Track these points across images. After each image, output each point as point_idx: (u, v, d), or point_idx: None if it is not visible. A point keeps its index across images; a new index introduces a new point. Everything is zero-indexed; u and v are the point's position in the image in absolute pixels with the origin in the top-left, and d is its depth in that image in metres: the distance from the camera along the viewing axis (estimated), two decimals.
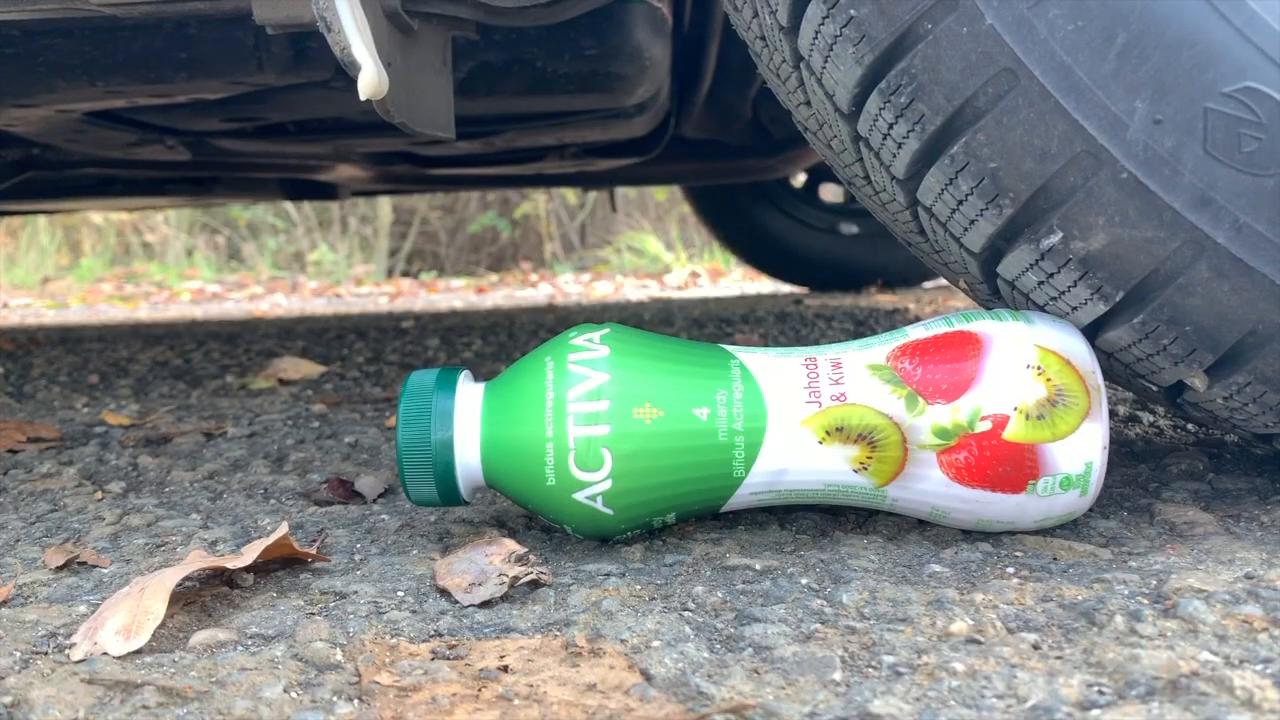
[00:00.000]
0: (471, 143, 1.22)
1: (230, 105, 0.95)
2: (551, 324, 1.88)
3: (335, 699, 0.41)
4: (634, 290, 3.16)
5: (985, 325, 0.53)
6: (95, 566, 0.57)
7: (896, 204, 0.55)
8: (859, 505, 0.55)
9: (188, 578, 0.53)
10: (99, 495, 0.73)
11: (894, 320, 1.72)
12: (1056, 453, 0.51)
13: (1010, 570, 0.51)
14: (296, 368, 1.29)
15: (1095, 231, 0.48)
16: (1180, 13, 0.45)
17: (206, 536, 0.62)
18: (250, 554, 0.52)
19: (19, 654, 0.45)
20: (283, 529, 0.54)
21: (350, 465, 0.79)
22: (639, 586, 0.51)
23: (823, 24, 0.50)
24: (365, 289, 3.72)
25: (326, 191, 1.72)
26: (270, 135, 1.12)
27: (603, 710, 0.39)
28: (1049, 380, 0.51)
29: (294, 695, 0.41)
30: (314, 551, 0.56)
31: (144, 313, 2.76)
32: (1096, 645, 0.42)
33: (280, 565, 0.55)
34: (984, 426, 0.51)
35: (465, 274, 4.52)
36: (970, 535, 0.56)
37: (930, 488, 0.53)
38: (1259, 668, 0.40)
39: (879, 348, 0.54)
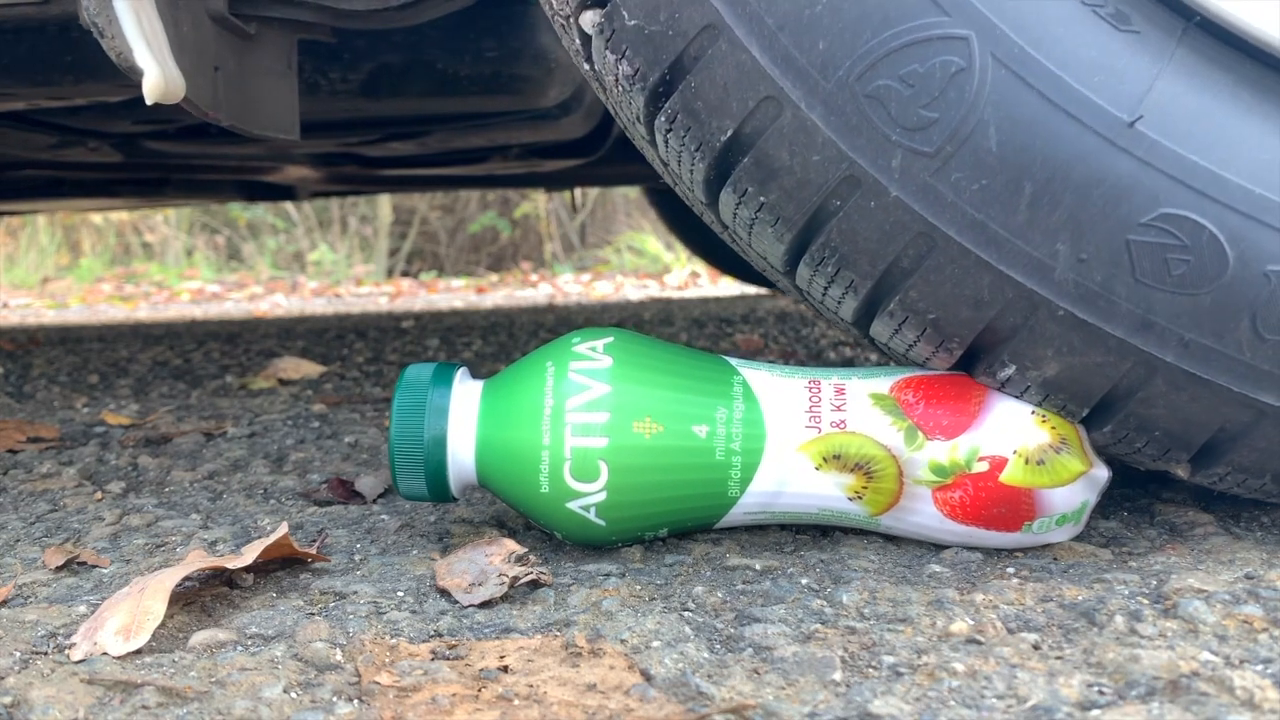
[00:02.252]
0: (405, 144, 1.23)
1: (136, 107, 0.95)
2: (552, 324, 1.88)
3: (335, 699, 0.41)
4: (634, 290, 3.16)
5: None
6: (95, 566, 0.57)
7: (856, 335, 0.56)
8: (853, 528, 0.55)
9: (188, 578, 0.53)
10: (99, 495, 0.73)
11: None
12: (1054, 497, 0.51)
13: (1010, 570, 0.51)
14: (296, 368, 1.29)
15: (1047, 362, 0.49)
16: (1082, 155, 0.46)
17: (206, 536, 0.62)
18: (250, 554, 0.52)
19: (19, 654, 0.45)
20: (282, 529, 0.54)
21: (350, 465, 0.79)
22: (639, 586, 0.51)
23: (738, 208, 0.52)
24: (365, 289, 3.72)
25: (284, 192, 1.72)
26: (198, 137, 1.12)
27: (603, 710, 0.39)
28: (1053, 428, 0.51)
29: (294, 695, 0.41)
30: (314, 551, 0.56)
31: (144, 313, 2.76)
32: (1097, 645, 0.42)
33: (280, 565, 0.55)
34: (981, 467, 0.50)
35: (465, 274, 4.52)
36: None
37: (924, 521, 0.53)
38: (1259, 668, 0.40)
39: (884, 378, 0.53)
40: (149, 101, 0.58)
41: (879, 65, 0.46)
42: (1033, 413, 0.51)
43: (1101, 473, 0.51)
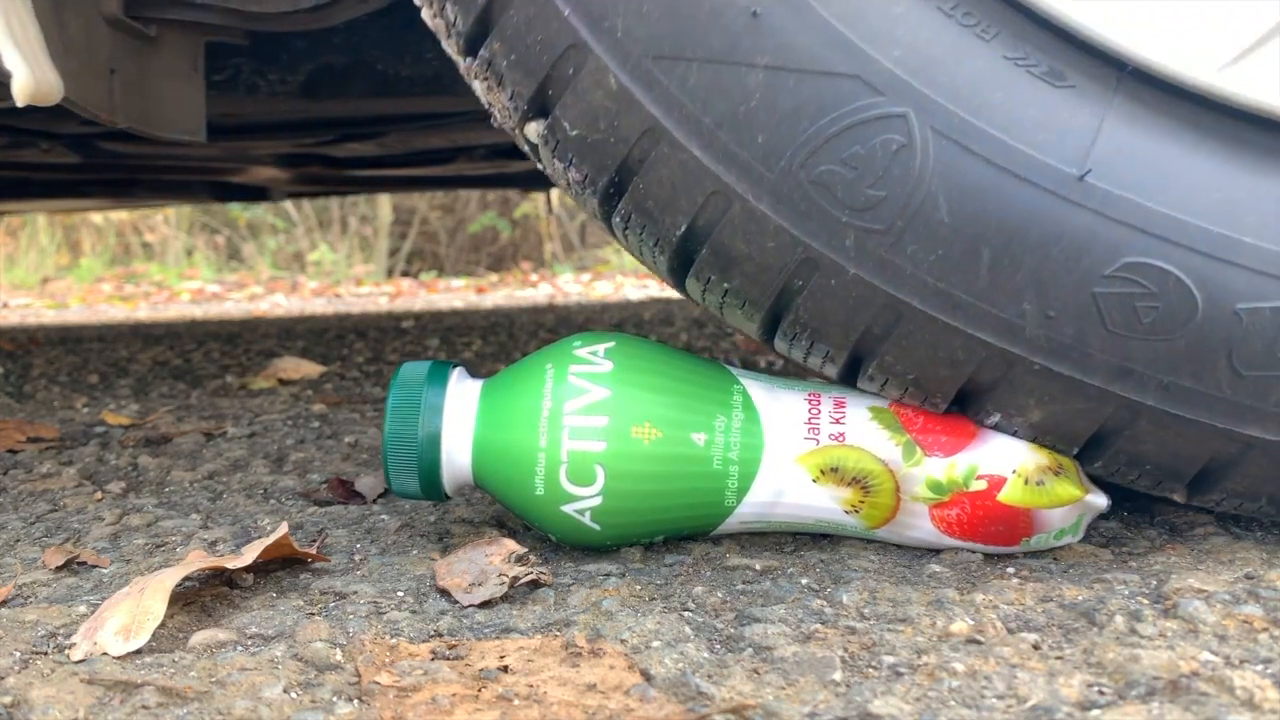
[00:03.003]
0: (364, 144, 1.23)
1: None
2: (551, 324, 1.88)
3: (335, 699, 0.41)
4: (634, 290, 3.16)
5: None
6: (95, 566, 0.57)
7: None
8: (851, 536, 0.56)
9: (187, 578, 0.53)
10: (99, 495, 0.73)
11: None
12: (1052, 516, 0.51)
13: (1010, 570, 0.51)
14: (296, 368, 1.29)
15: (1030, 409, 0.49)
16: (1036, 214, 0.46)
17: (206, 536, 0.62)
18: (250, 554, 0.52)
19: (19, 654, 0.45)
20: (282, 529, 0.54)
21: (350, 465, 0.79)
22: (639, 586, 0.51)
23: (705, 293, 0.52)
24: (365, 289, 3.72)
25: (256, 193, 1.72)
26: (152, 139, 1.12)
27: (603, 710, 0.39)
28: (1052, 450, 0.51)
29: (294, 695, 0.41)
30: (314, 551, 0.56)
31: (144, 313, 2.76)
32: (1097, 645, 0.42)
33: (280, 565, 0.55)
34: (979, 486, 0.50)
35: (465, 274, 4.52)
36: None
37: (921, 536, 0.53)
38: (1259, 668, 0.40)
39: (883, 400, 0.53)
40: (19, 103, 0.58)
41: (820, 152, 0.46)
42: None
43: (1099, 500, 0.51)
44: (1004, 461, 0.50)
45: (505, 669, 0.43)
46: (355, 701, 0.40)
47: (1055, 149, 0.46)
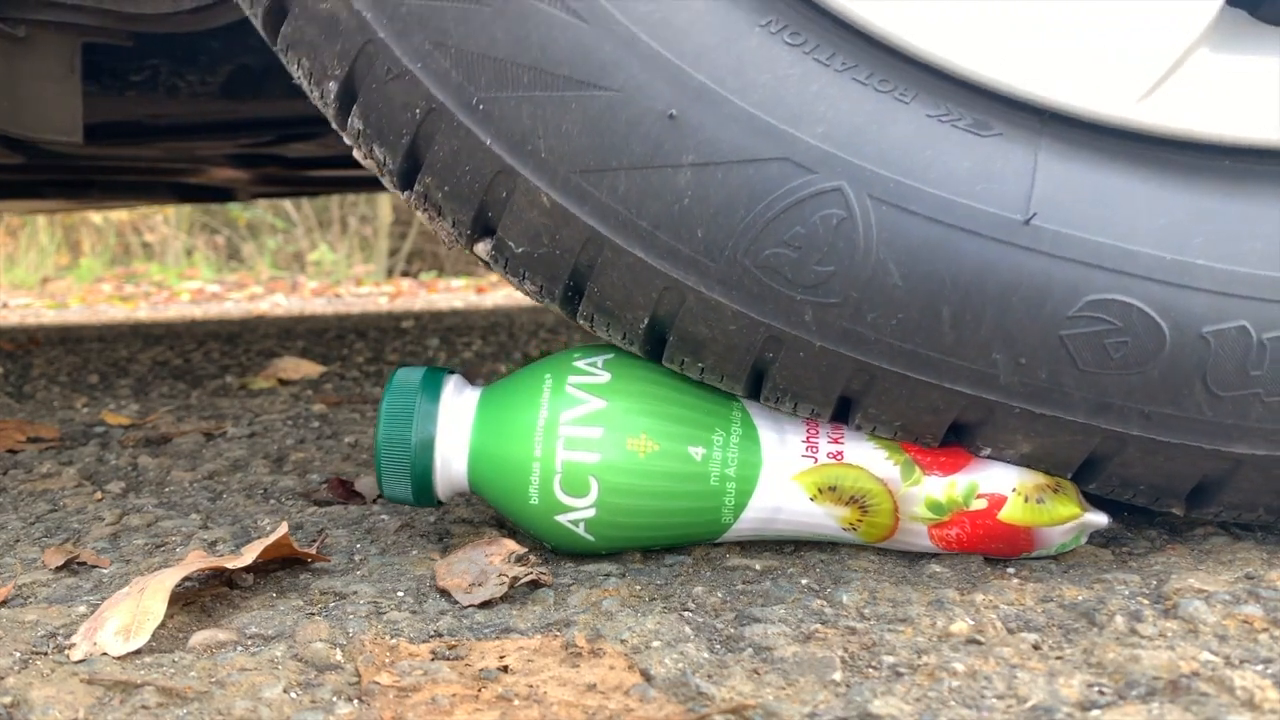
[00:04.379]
0: (306, 144, 1.22)
1: None
2: (552, 324, 1.88)
3: (335, 699, 0.41)
4: None
5: None
6: (95, 566, 0.57)
7: None
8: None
9: (187, 578, 0.53)
10: (99, 495, 0.73)
11: None
12: (1052, 533, 0.51)
13: (1010, 570, 0.51)
14: (296, 368, 1.29)
15: (1019, 443, 0.49)
16: (989, 265, 0.46)
17: (206, 536, 0.62)
18: (250, 554, 0.52)
19: (19, 654, 0.45)
20: (282, 529, 0.54)
21: (350, 465, 0.79)
22: (639, 587, 0.51)
23: (684, 369, 0.52)
24: (365, 289, 3.72)
25: (220, 194, 1.72)
26: (94, 139, 1.12)
27: (603, 710, 0.39)
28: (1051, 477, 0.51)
29: (294, 696, 0.41)
30: (314, 552, 0.56)
31: (144, 313, 2.76)
32: (1097, 645, 0.42)
33: (280, 565, 0.55)
34: (979, 505, 0.50)
35: (465, 274, 4.52)
36: None
37: (921, 548, 0.53)
38: (1259, 668, 0.40)
39: None
40: None
41: (762, 236, 0.47)
42: None
43: (1099, 517, 0.51)
44: (1004, 480, 0.50)
45: (505, 669, 0.43)
46: (355, 702, 0.40)
47: (995, 197, 0.46)
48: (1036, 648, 0.43)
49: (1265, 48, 0.49)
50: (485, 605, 0.49)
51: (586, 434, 0.51)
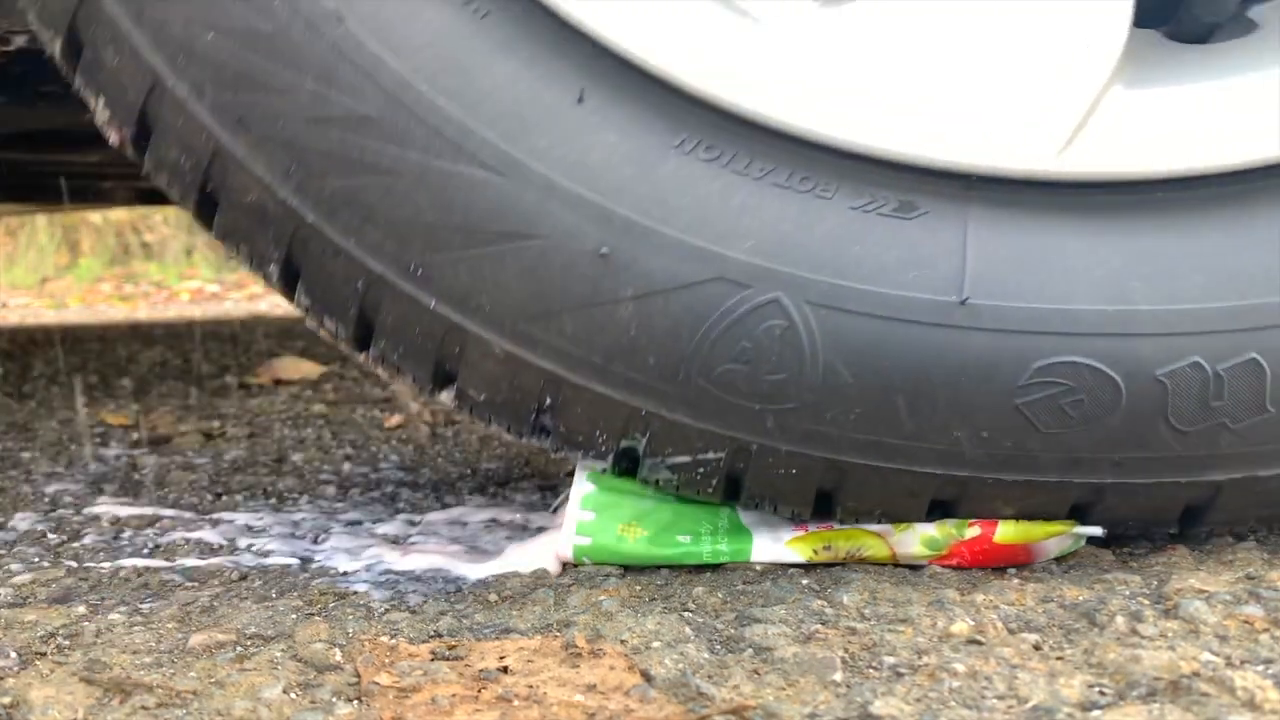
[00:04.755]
0: None
1: None
2: None
3: (335, 700, 0.41)
4: None
5: None
6: (95, 566, 0.57)
7: None
8: None
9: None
10: (98, 495, 0.72)
11: None
12: (1048, 545, 0.51)
13: (1011, 571, 0.51)
14: (296, 367, 1.29)
15: (1003, 508, 0.50)
16: (935, 350, 0.47)
17: (206, 537, 0.62)
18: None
19: (19, 654, 0.45)
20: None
21: (350, 465, 0.79)
22: (639, 587, 0.51)
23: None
24: None
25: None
26: (20, 144, 1.11)
27: (603, 711, 0.39)
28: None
29: (293, 696, 0.41)
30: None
31: (143, 313, 2.76)
32: (1097, 646, 0.42)
33: (277, 564, 0.55)
34: (973, 532, 0.51)
35: None
36: None
37: None
38: (1260, 668, 0.40)
39: None
40: None
41: (712, 356, 0.47)
42: None
43: (1091, 529, 0.52)
44: None
45: (505, 669, 0.42)
46: (355, 702, 0.40)
47: (929, 283, 0.47)
48: (1037, 648, 0.43)
49: (1180, 74, 0.49)
50: (484, 605, 0.49)
51: (584, 517, 0.53)
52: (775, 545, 0.52)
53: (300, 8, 0.47)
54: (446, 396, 0.52)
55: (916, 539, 0.51)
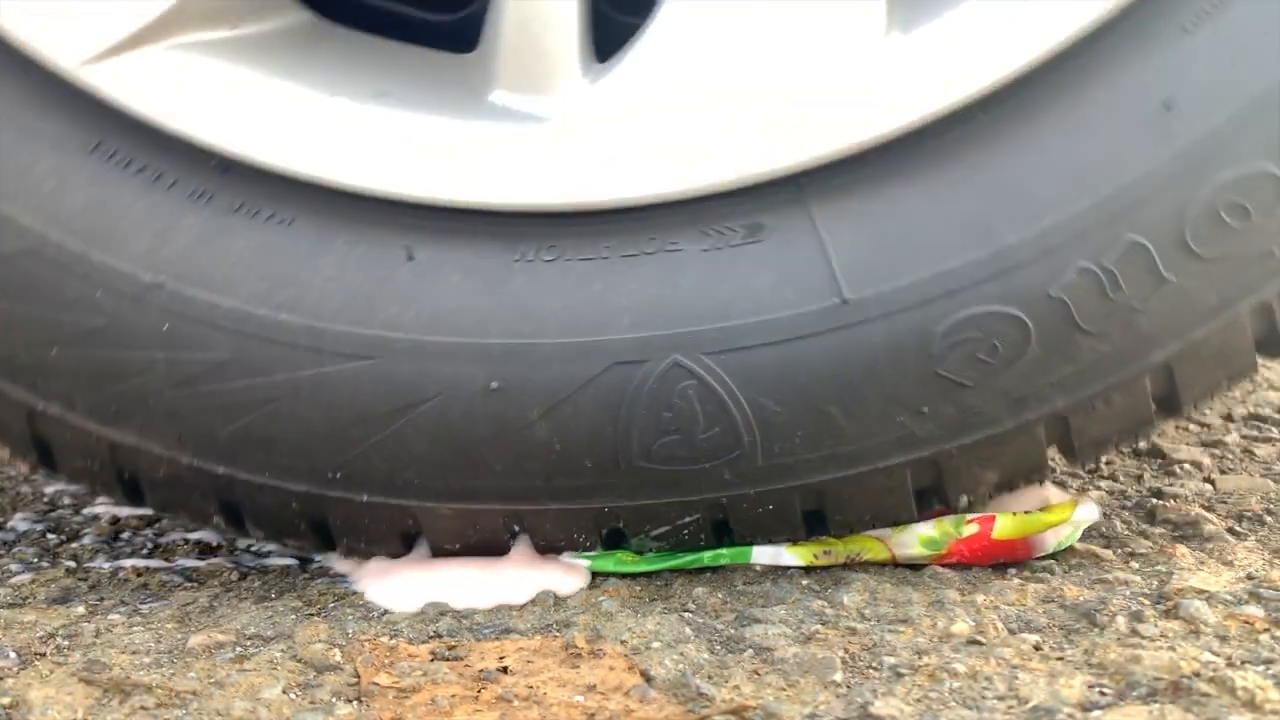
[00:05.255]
0: None
1: None
2: None
3: (335, 700, 0.41)
4: None
5: None
6: (94, 567, 0.57)
7: None
8: None
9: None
10: (98, 495, 0.72)
11: None
12: (1046, 538, 0.52)
13: (1011, 571, 0.51)
14: None
15: (985, 477, 0.50)
16: (839, 353, 0.47)
17: (206, 537, 0.62)
18: None
19: (18, 654, 0.45)
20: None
21: None
22: (639, 587, 0.51)
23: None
24: None
25: None
26: None
27: (603, 711, 0.39)
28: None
29: (293, 696, 0.41)
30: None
31: None
32: (1098, 646, 0.42)
33: (280, 566, 0.55)
34: (971, 530, 0.51)
35: None
36: None
37: None
38: (1260, 668, 0.40)
39: None
40: None
41: (642, 438, 0.48)
42: None
43: (1088, 510, 0.52)
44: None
45: (505, 670, 0.42)
46: (355, 702, 0.40)
47: (806, 294, 0.47)
48: (1038, 648, 0.43)
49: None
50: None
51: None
52: (775, 549, 0.52)
53: (121, 289, 0.48)
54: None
55: (915, 539, 0.51)
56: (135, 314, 0.48)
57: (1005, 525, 0.51)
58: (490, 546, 0.51)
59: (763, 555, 0.52)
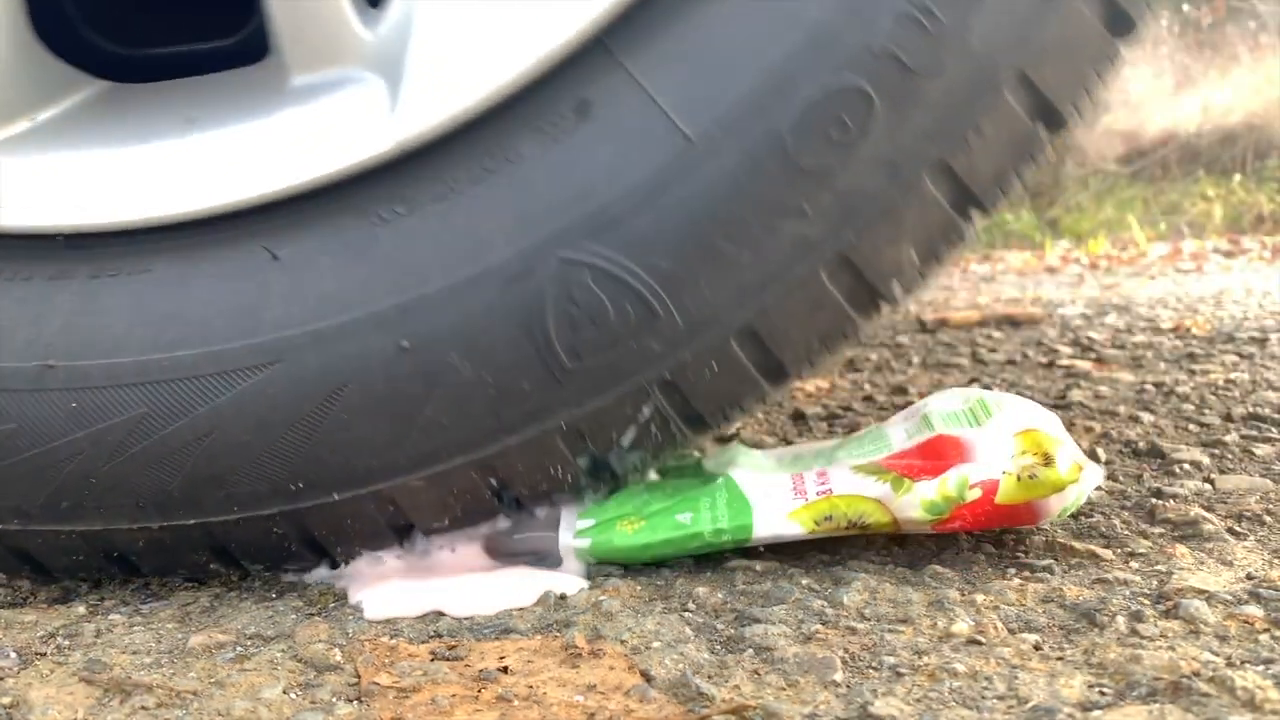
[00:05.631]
0: None
1: None
2: None
3: (335, 700, 0.41)
4: None
5: (965, 431, 0.53)
6: None
7: None
8: None
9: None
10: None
11: (894, 322, 1.72)
12: (1050, 503, 0.51)
13: (1011, 571, 0.51)
14: None
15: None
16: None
17: None
18: None
19: (19, 654, 0.45)
20: None
21: None
22: (639, 587, 0.51)
23: None
24: None
25: None
26: None
27: (603, 711, 0.39)
28: (1037, 446, 0.51)
29: (293, 696, 0.41)
30: None
31: None
32: (1098, 646, 0.42)
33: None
34: (974, 495, 0.51)
35: None
36: (973, 535, 0.56)
37: None
38: (1260, 668, 0.40)
39: (866, 459, 0.54)
40: None
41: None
42: (1014, 436, 0.51)
43: (1093, 473, 0.52)
44: (993, 466, 0.51)
45: (505, 669, 0.42)
46: (355, 702, 0.40)
47: (653, 150, 0.47)
48: (1037, 648, 0.43)
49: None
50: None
51: (583, 524, 0.54)
52: (776, 518, 0.52)
53: (18, 386, 0.50)
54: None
55: (917, 503, 0.51)
56: (39, 404, 0.49)
57: (1009, 490, 0.50)
58: (478, 510, 0.51)
59: (764, 527, 0.52)
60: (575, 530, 0.53)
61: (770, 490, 0.53)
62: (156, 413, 0.49)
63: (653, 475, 0.57)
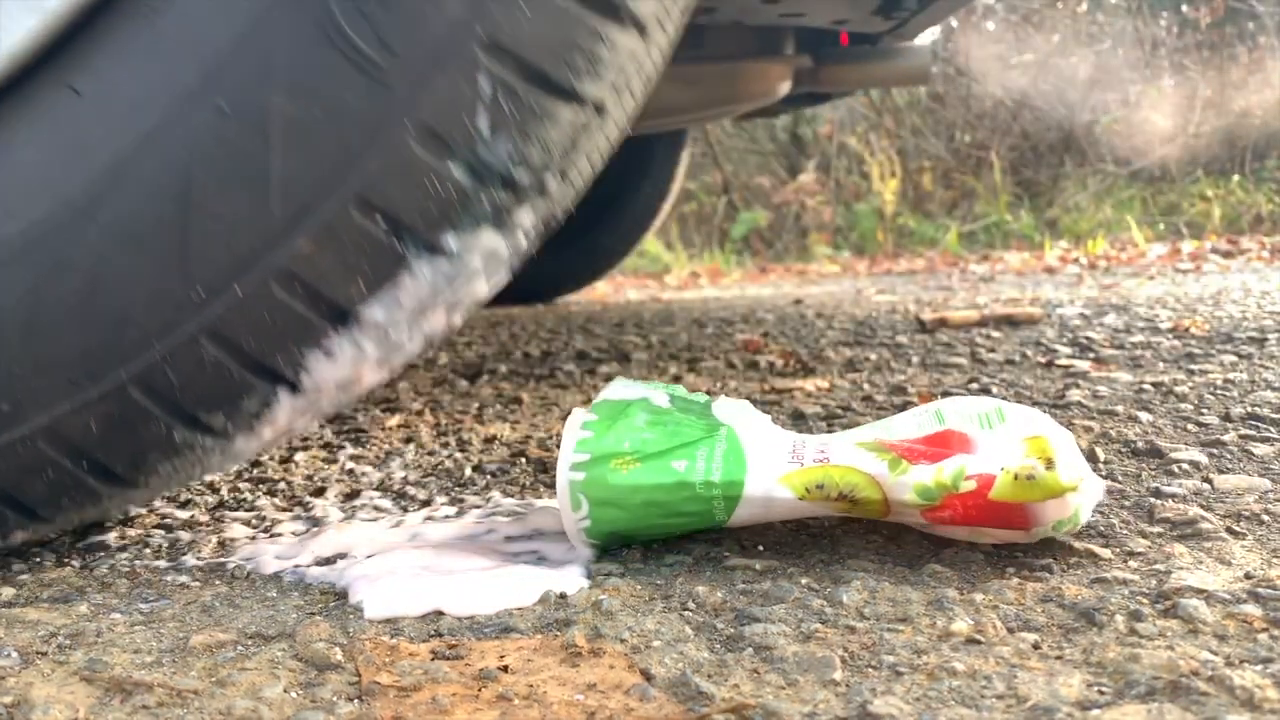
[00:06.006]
0: None
1: None
2: (552, 324, 1.88)
3: (336, 699, 0.41)
4: (635, 290, 3.16)
5: (975, 430, 0.53)
6: (96, 566, 0.57)
7: None
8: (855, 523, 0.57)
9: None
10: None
11: (894, 322, 1.72)
12: (1046, 509, 0.51)
13: (1010, 570, 0.51)
14: None
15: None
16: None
17: (207, 536, 0.62)
18: None
19: (20, 653, 0.45)
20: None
21: (355, 465, 0.79)
22: (639, 586, 0.51)
23: None
24: None
25: None
26: None
27: (603, 710, 0.39)
28: (1040, 449, 0.51)
29: (294, 695, 0.41)
30: None
31: None
32: (1096, 645, 0.42)
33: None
34: (969, 486, 0.50)
35: None
36: None
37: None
38: (1259, 668, 0.40)
39: (870, 437, 0.55)
40: None
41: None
42: (1022, 440, 0.51)
43: (1094, 485, 0.52)
44: (992, 461, 0.51)
45: (505, 669, 0.43)
46: (355, 701, 0.40)
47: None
48: (1036, 647, 0.43)
49: None
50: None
51: (579, 458, 0.54)
52: (768, 480, 0.53)
53: None
54: None
55: (910, 486, 0.51)
56: None
57: (1004, 487, 0.50)
58: (387, 261, 0.49)
59: (755, 485, 0.53)
60: (571, 464, 0.53)
61: (768, 450, 0.53)
62: None
63: (663, 399, 0.57)
